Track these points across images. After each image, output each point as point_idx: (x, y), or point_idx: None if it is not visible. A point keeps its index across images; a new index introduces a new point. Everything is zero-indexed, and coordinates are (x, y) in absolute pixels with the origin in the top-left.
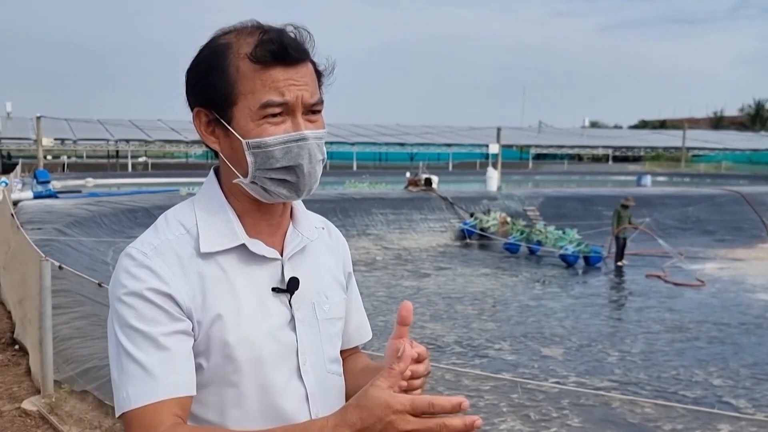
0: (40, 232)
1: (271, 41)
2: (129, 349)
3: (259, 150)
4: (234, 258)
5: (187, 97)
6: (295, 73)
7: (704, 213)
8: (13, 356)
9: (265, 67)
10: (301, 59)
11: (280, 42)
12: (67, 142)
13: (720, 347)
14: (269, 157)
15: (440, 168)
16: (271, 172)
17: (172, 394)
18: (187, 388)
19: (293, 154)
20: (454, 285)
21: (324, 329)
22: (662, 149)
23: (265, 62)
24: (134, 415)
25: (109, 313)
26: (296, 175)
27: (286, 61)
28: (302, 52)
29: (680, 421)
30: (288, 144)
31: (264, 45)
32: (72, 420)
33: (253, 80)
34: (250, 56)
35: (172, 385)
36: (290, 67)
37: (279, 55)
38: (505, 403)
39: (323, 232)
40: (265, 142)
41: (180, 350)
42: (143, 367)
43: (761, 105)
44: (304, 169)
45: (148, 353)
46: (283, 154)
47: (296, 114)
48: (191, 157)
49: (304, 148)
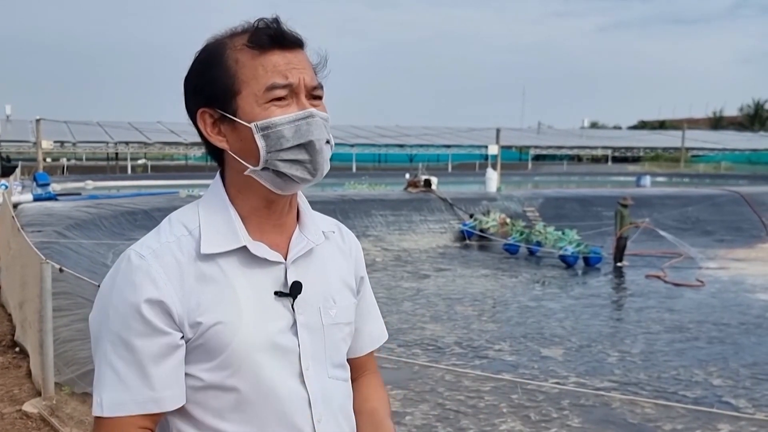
0: (40, 234)
1: (267, 26)
2: (111, 356)
3: (269, 131)
4: (235, 261)
5: (186, 105)
6: (293, 57)
7: (704, 213)
8: (14, 359)
9: (263, 52)
10: (298, 44)
11: (277, 27)
12: (66, 145)
13: (720, 347)
14: (280, 137)
15: (440, 169)
16: (283, 153)
17: (142, 410)
18: (161, 405)
19: (303, 131)
20: (453, 286)
21: (329, 334)
22: (661, 149)
23: (263, 46)
24: (104, 423)
25: (97, 309)
26: (308, 153)
27: (283, 44)
28: (298, 39)
29: (680, 421)
30: (297, 122)
31: (260, 31)
32: (73, 422)
33: (254, 67)
34: (247, 43)
35: (145, 401)
36: (288, 51)
37: (276, 39)
38: (506, 404)
39: (335, 236)
40: (273, 122)
41: (163, 366)
42: (120, 378)
43: (760, 105)
44: (315, 145)
45: (128, 365)
46: (294, 132)
47: (300, 96)
48: (191, 159)
49: (312, 124)
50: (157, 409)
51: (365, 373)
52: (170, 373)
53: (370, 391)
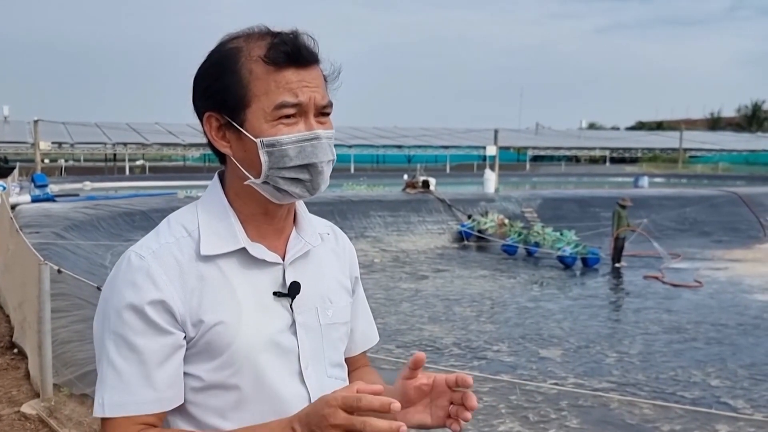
0: (38, 235)
1: (285, 43)
2: (113, 357)
3: (273, 149)
4: (235, 262)
5: (194, 102)
6: (307, 74)
7: (701, 214)
8: (12, 360)
9: (278, 69)
10: (313, 61)
11: (294, 44)
12: (64, 146)
13: (718, 348)
14: (283, 156)
15: (438, 170)
16: (285, 171)
17: (143, 411)
18: (163, 405)
19: (307, 153)
20: (452, 287)
21: (327, 334)
22: (659, 150)
23: (279, 63)
24: (107, 423)
25: (100, 312)
26: (310, 174)
27: (298, 62)
28: (314, 55)
29: (678, 422)
30: (302, 143)
31: (278, 47)
32: (71, 423)
33: (267, 82)
34: (263, 58)
35: (147, 402)
36: (302, 69)
37: (292, 57)
38: (504, 405)
39: (329, 237)
40: (279, 140)
41: (166, 366)
42: (123, 379)
43: (758, 106)
44: (318, 167)
45: (130, 365)
46: (297, 153)
47: (308, 115)
48: (189, 160)
49: (317, 147)
50: (159, 409)
51: (361, 367)
52: (173, 372)
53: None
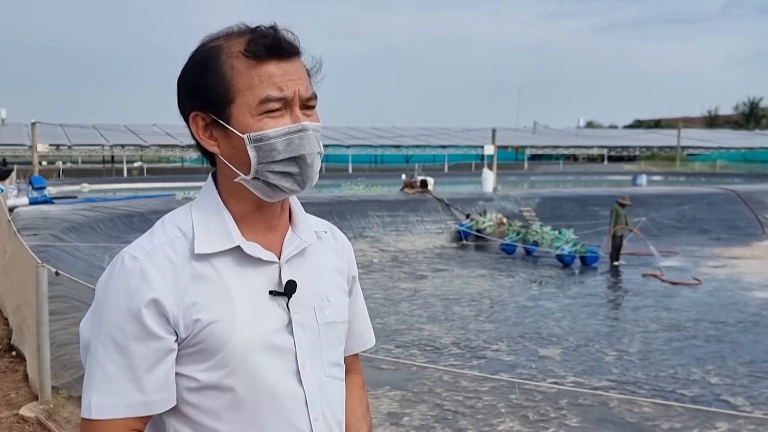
0: (36, 238)
1: (264, 36)
2: (102, 359)
3: (261, 143)
4: (229, 260)
5: (179, 104)
6: (289, 67)
7: (700, 212)
8: (11, 362)
9: (259, 62)
10: (294, 53)
11: (274, 37)
12: (62, 148)
13: (717, 346)
14: (272, 150)
15: (436, 170)
16: (274, 165)
17: (131, 414)
18: (151, 408)
19: (295, 145)
20: (451, 286)
21: (324, 333)
22: (657, 148)
23: (259, 56)
24: (91, 425)
25: (91, 311)
26: (299, 166)
27: (279, 54)
28: (294, 47)
29: (678, 420)
30: (289, 135)
31: (257, 40)
32: (70, 426)
33: (250, 76)
34: (244, 52)
35: (135, 405)
36: (284, 61)
37: (273, 49)
38: (504, 404)
39: (327, 236)
40: (266, 134)
41: (156, 370)
42: (111, 381)
43: (755, 103)
44: (306, 159)
45: (119, 368)
46: (285, 146)
47: (294, 108)
48: (187, 162)
49: (305, 138)
50: (146, 412)
51: (349, 372)
52: (162, 377)
53: (349, 391)
